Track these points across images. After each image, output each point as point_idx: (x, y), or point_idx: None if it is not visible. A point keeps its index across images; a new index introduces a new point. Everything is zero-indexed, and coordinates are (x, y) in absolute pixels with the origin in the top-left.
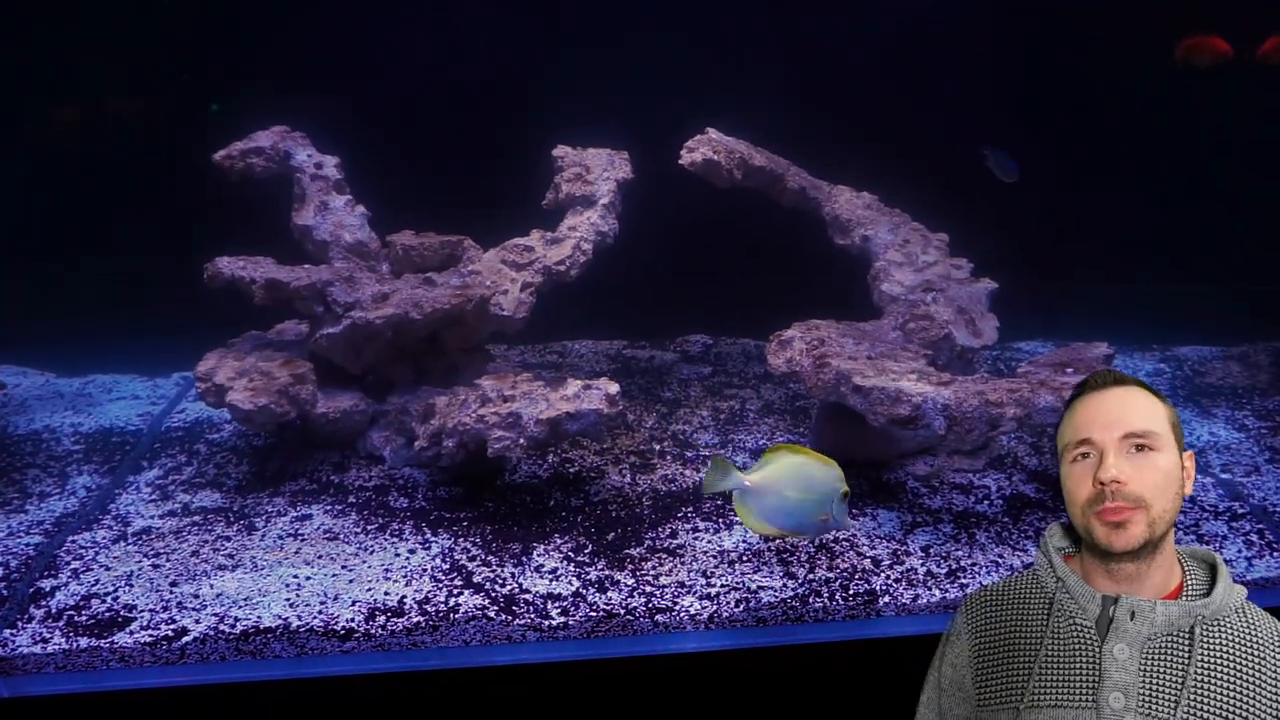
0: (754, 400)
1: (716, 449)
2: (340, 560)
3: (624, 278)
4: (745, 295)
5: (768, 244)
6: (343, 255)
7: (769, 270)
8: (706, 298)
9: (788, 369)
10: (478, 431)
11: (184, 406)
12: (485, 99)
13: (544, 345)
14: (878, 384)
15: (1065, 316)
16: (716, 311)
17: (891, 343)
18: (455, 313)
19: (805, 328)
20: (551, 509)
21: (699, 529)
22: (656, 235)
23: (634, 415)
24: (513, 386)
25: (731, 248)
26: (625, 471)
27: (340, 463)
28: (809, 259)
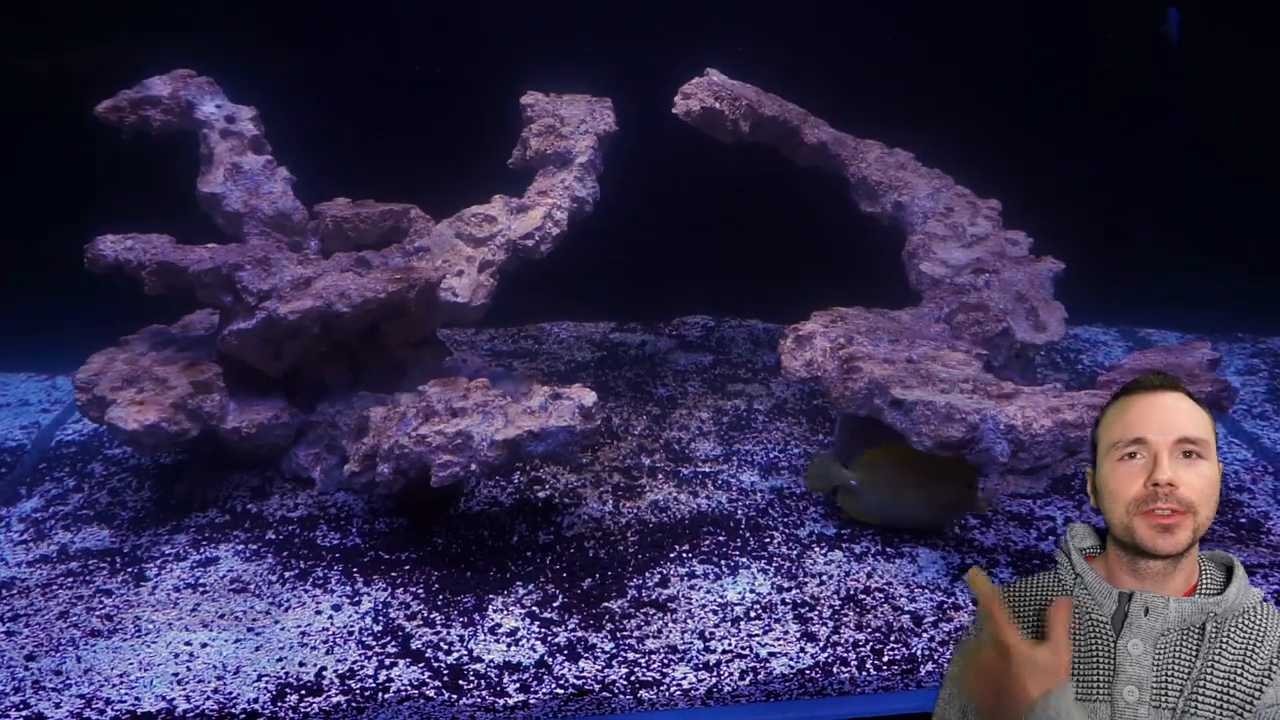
0: (763, 398)
1: (718, 463)
2: (247, 620)
3: (609, 250)
4: (753, 270)
5: (779, 211)
6: (260, 230)
7: (781, 242)
8: (707, 273)
9: (807, 374)
10: (418, 455)
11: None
12: (437, 34)
13: (517, 329)
14: (922, 397)
15: (1132, 298)
16: (719, 289)
17: (936, 339)
18: (395, 302)
19: (828, 319)
20: (514, 547)
21: (695, 574)
22: (647, 200)
23: (620, 419)
24: (464, 396)
25: (736, 215)
26: (606, 496)
27: (260, 486)
28: (829, 229)
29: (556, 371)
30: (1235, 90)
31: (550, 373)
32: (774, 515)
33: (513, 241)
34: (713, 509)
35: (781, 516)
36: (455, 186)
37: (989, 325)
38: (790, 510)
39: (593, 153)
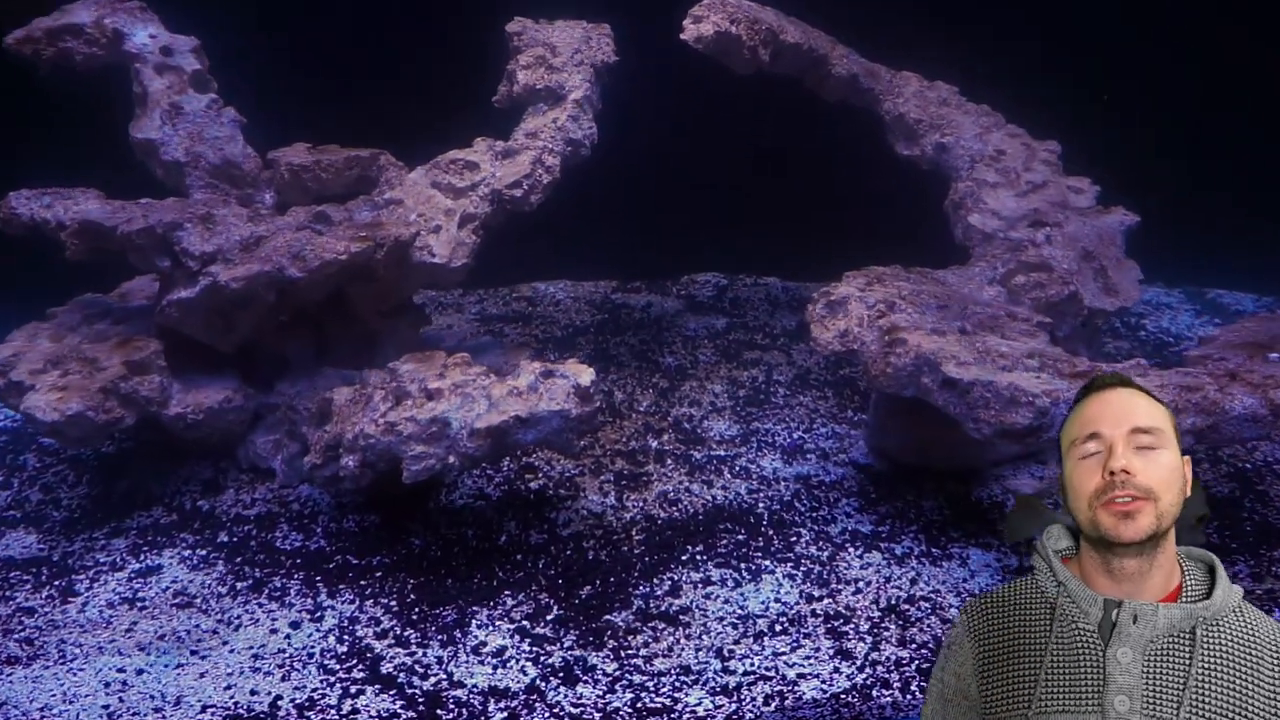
0: (783, 367)
1: (734, 445)
2: (191, 641)
3: (610, 200)
4: (771, 222)
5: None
6: (205, 182)
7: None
8: (719, 225)
9: (841, 347)
10: (387, 446)
11: None
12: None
13: (509, 290)
14: (980, 376)
15: (1196, 256)
16: (732, 243)
17: (989, 305)
18: (360, 264)
19: (864, 280)
20: (502, 549)
21: (711, 580)
22: (652, 142)
23: (623, 393)
24: (441, 374)
25: (753, 159)
26: (608, 487)
27: (214, 479)
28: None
29: (552, 337)
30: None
31: (545, 339)
32: (800, 509)
33: (498, 191)
34: (730, 502)
35: (809, 510)
36: (432, 129)
37: (1053, 289)
38: (819, 502)
39: (589, 87)
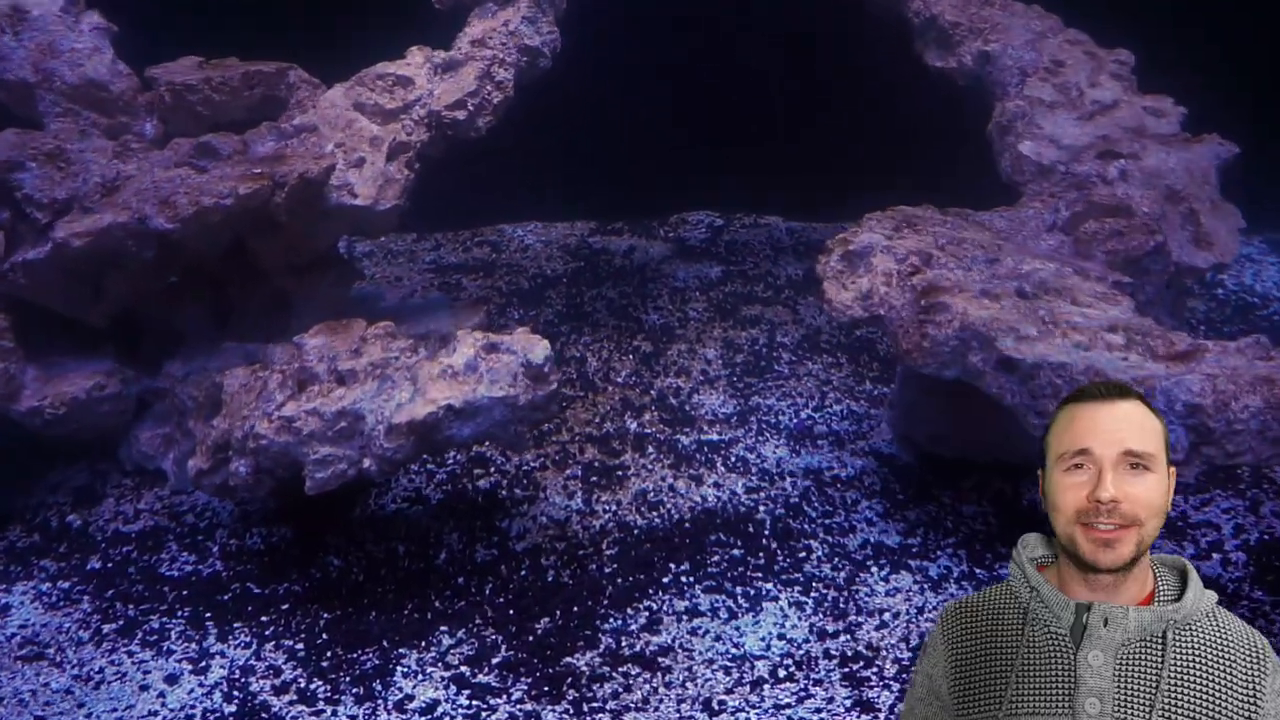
0: (788, 326)
1: (730, 426)
2: (37, 705)
3: (584, 125)
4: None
5: (811, 70)
6: (64, 108)
7: (814, 112)
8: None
9: (864, 312)
10: (283, 449)
11: None
12: None
13: (470, 233)
14: (1048, 356)
15: None
16: (729, 176)
17: (1051, 259)
18: (253, 210)
19: (891, 224)
20: (441, 571)
21: (699, 610)
22: (632, 51)
23: (597, 359)
24: (356, 350)
25: (753, 75)
26: (574, 485)
27: (89, 486)
28: (879, 94)
29: (518, 291)
30: None
31: (509, 293)
32: (811, 513)
33: (436, 114)
34: (723, 504)
35: (822, 515)
36: (354, 38)
37: (1134, 239)
38: (834, 506)
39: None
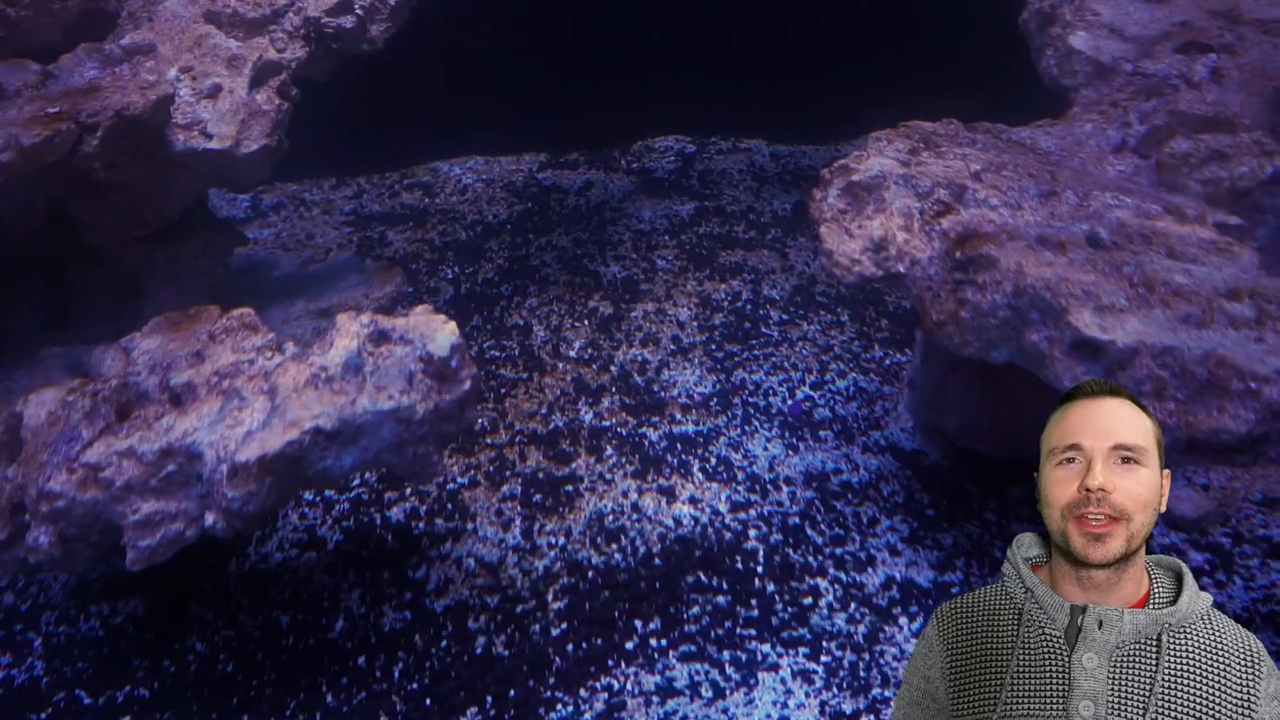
0: (776, 275)
1: (709, 414)
2: None
3: (531, 37)
4: (755, 60)
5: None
6: None
7: (801, 11)
8: (684, 68)
9: (877, 269)
10: (90, 508)
11: None
12: None
13: (400, 174)
14: (1148, 336)
15: None
16: (703, 93)
17: (1124, 189)
18: (53, 164)
19: (906, 145)
20: (335, 647)
21: (675, 687)
22: None
23: (545, 329)
24: (198, 355)
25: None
26: (513, 508)
27: None
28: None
29: (454, 243)
30: None
31: (443, 246)
32: (816, 539)
33: (315, 21)
34: (703, 529)
35: (831, 542)
36: None
37: (1243, 163)
38: (845, 525)
39: None
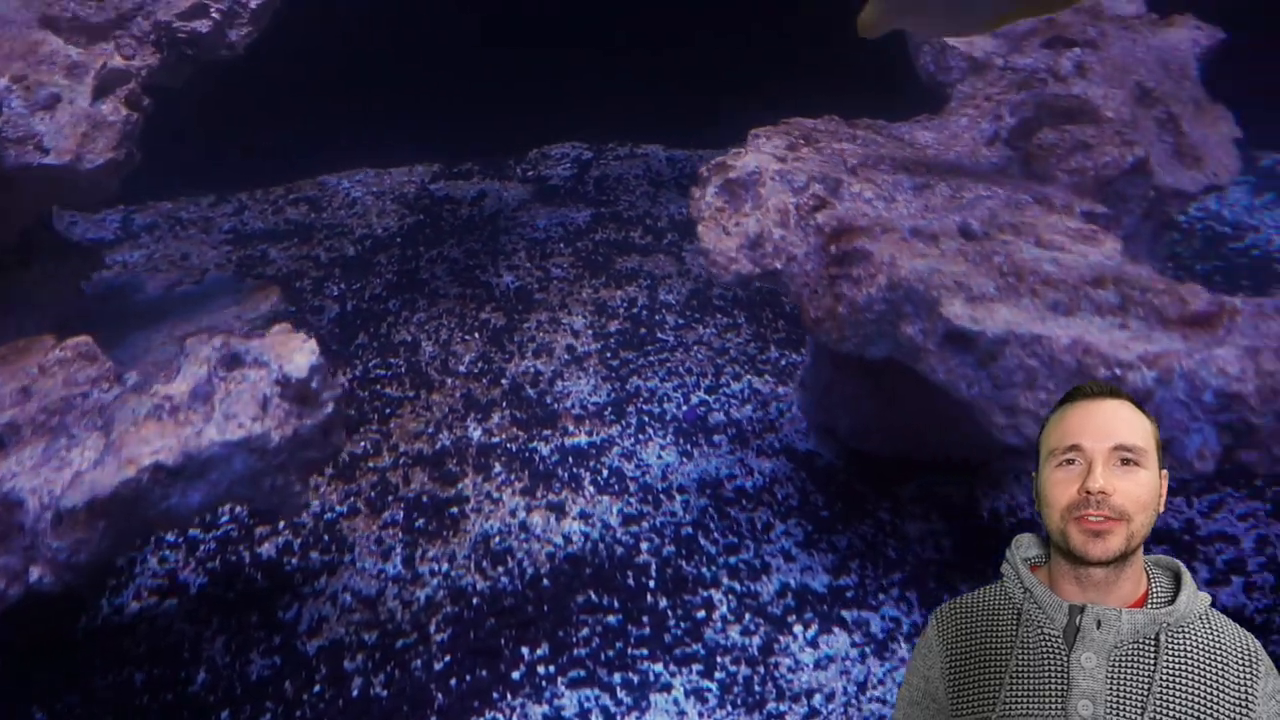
0: (673, 280)
1: (602, 423)
2: None
3: (421, 42)
4: (651, 65)
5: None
6: None
7: (692, 16)
8: (580, 73)
9: (754, 266)
10: None
11: None
12: None
13: (285, 189)
14: (1017, 325)
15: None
16: (598, 101)
17: (996, 179)
18: None
19: (783, 141)
20: (196, 703)
21: (563, 715)
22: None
23: (434, 345)
24: (24, 391)
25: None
26: (394, 535)
27: None
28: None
29: (340, 258)
30: None
31: (329, 262)
32: (710, 548)
33: (167, 26)
34: (594, 545)
35: (724, 551)
36: None
37: (1106, 152)
38: (739, 533)
39: None
